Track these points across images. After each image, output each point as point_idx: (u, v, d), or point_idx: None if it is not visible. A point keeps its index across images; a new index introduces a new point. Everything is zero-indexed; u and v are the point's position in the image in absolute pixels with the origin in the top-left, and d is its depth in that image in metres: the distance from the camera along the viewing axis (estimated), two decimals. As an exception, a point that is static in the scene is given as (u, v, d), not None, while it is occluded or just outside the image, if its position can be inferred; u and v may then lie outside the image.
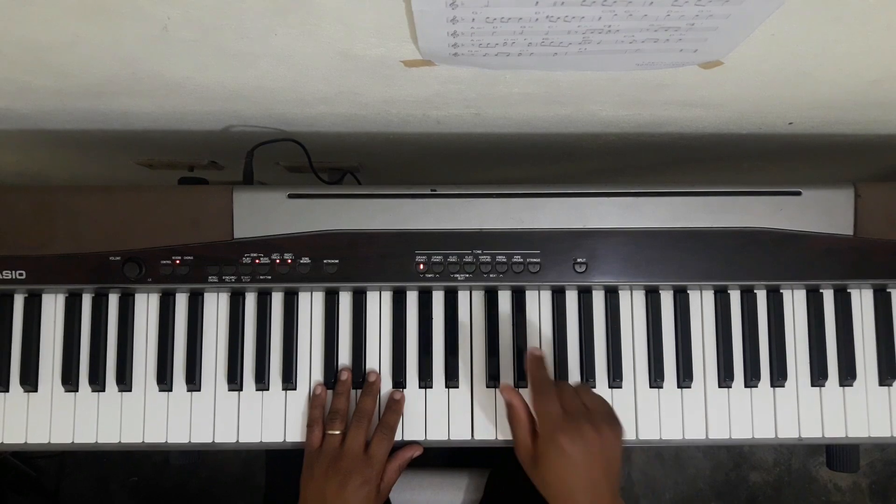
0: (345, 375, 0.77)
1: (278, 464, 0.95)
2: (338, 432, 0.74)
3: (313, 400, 0.77)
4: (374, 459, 0.73)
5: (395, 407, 0.76)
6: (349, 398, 0.77)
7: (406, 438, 0.77)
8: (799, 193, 0.75)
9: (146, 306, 0.79)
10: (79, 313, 0.78)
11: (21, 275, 0.74)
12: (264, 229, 0.75)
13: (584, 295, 0.79)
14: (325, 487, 0.71)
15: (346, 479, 0.71)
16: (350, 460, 0.72)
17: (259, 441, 0.77)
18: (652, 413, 0.78)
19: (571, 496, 0.65)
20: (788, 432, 0.77)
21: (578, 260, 0.75)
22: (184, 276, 0.74)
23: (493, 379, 0.78)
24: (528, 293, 0.79)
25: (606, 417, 0.68)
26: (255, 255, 0.74)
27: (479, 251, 0.75)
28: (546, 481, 0.66)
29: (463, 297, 0.79)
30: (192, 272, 0.74)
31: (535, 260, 0.75)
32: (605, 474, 0.65)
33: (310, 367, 0.78)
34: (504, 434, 0.77)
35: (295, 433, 0.77)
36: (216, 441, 0.77)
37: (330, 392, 0.77)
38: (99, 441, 0.77)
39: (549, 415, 0.67)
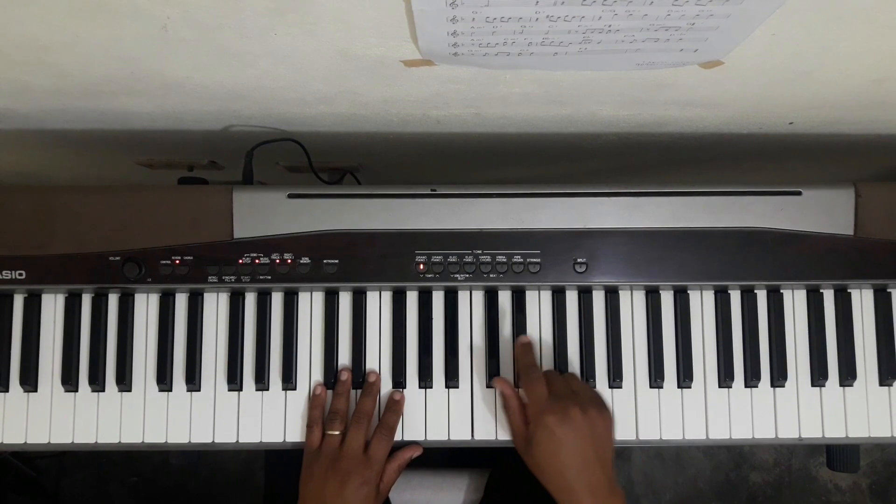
0: (345, 376, 0.77)
1: (278, 464, 0.95)
2: (337, 433, 0.74)
3: (313, 400, 0.77)
4: (374, 460, 0.73)
5: (394, 407, 0.76)
6: (349, 398, 0.77)
7: (406, 438, 0.77)
8: (799, 193, 0.75)
9: (146, 306, 0.79)
10: (78, 313, 0.78)
11: (21, 275, 0.74)
12: (264, 229, 0.74)
13: (585, 295, 0.79)
14: (325, 488, 0.71)
15: (345, 480, 0.71)
16: (349, 461, 0.72)
17: (259, 441, 0.77)
18: (652, 413, 0.77)
19: (564, 475, 0.67)
20: (789, 432, 0.77)
21: (578, 260, 0.75)
22: (183, 276, 0.74)
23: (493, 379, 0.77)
24: (528, 293, 0.79)
25: (592, 400, 0.71)
26: (254, 255, 0.74)
27: (479, 251, 0.75)
28: (539, 463, 0.68)
29: (463, 297, 0.79)
30: (192, 272, 0.74)
31: (535, 260, 0.75)
32: (596, 453, 0.67)
33: (310, 368, 0.78)
34: (504, 434, 0.77)
35: (294, 433, 0.77)
36: (216, 441, 0.77)
37: (330, 392, 0.77)
38: (99, 441, 0.77)
39: (536, 397, 0.70)
